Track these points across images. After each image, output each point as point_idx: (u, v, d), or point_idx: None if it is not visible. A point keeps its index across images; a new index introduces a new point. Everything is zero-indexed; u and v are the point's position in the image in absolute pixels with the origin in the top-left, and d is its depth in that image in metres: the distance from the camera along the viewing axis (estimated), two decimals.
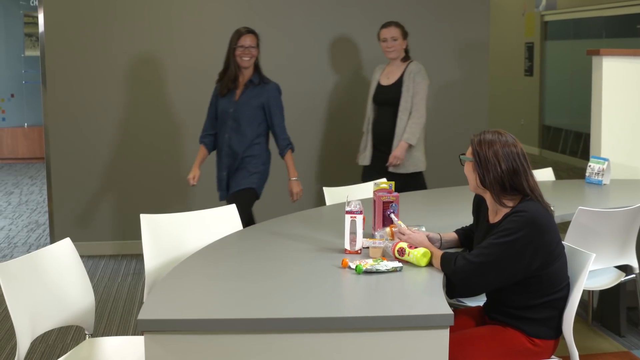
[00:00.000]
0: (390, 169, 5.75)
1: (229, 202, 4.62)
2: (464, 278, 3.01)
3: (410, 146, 5.74)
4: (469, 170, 3.19)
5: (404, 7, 6.91)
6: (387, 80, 5.90)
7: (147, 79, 6.71)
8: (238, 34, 5.32)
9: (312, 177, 6.90)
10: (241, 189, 5.29)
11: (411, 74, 5.77)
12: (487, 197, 3.19)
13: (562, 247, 3.13)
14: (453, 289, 3.05)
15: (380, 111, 5.91)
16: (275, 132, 5.36)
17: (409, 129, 5.73)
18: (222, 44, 5.45)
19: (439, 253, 3.13)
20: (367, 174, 5.83)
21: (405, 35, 5.86)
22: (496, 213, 3.17)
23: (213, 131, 5.47)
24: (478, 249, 3.05)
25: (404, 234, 3.31)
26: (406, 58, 5.90)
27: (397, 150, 5.71)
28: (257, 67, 5.37)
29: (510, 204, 3.10)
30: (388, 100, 5.84)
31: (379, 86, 5.94)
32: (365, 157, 5.93)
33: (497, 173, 3.08)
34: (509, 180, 3.08)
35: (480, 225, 3.31)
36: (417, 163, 5.83)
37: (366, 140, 5.96)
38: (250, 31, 5.34)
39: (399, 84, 5.80)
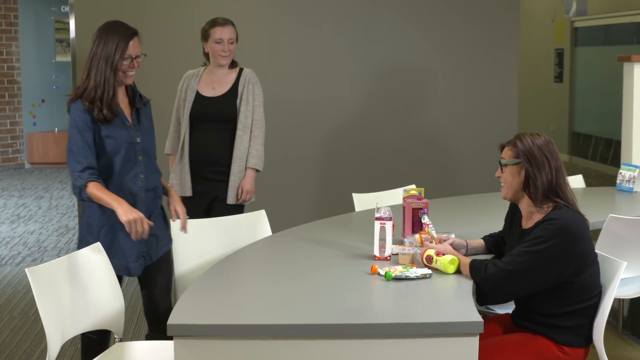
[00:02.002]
0: (231, 202, 4.65)
1: (157, 272, 3.71)
2: (494, 285, 2.99)
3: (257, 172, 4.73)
4: (511, 173, 3.15)
5: (434, 11, 6.88)
6: (213, 90, 4.72)
7: (176, 86, 6.74)
8: (126, 39, 3.57)
9: (340, 182, 6.89)
10: (168, 250, 3.81)
11: (249, 83, 4.68)
12: (524, 201, 3.16)
13: (595, 254, 3.10)
14: (483, 296, 3.03)
15: (202, 129, 4.72)
16: None
17: (255, 152, 4.66)
18: (250, 53, 5.37)
19: (466, 260, 3.12)
20: (194, 207, 4.61)
21: (237, 38, 4.79)
22: (530, 218, 3.15)
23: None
24: (509, 257, 3.03)
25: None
26: (234, 64, 4.78)
27: (247, 182, 4.63)
28: None
29: (546, 209, 3.08)
30: (215, 115, 4.68)
31: (200, 98, 4.73)
32: (185, 188, 4.70)
33: (547, 171, 3.07)
34: (555, 178, 3.07)
35: (513, 231, 3.29)
36: None
37: (180, 164, 4.73)
38: (137, 33, 3.67)
39: (231, 95, 4.68)
